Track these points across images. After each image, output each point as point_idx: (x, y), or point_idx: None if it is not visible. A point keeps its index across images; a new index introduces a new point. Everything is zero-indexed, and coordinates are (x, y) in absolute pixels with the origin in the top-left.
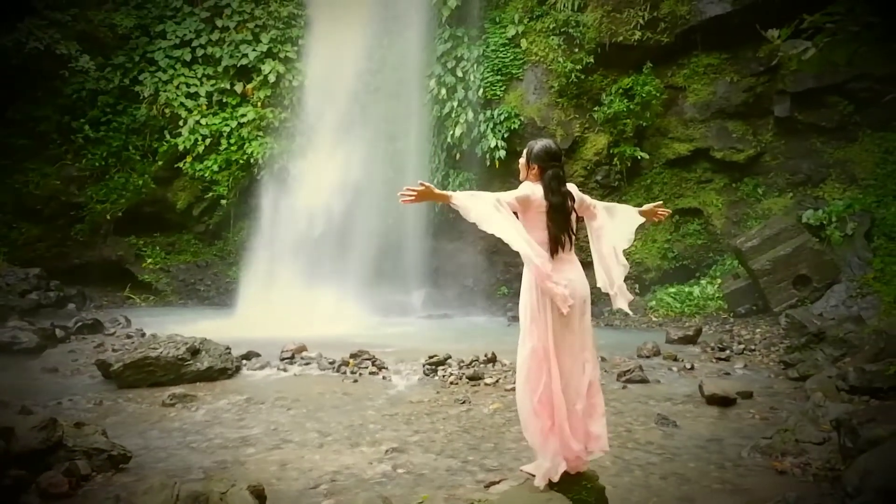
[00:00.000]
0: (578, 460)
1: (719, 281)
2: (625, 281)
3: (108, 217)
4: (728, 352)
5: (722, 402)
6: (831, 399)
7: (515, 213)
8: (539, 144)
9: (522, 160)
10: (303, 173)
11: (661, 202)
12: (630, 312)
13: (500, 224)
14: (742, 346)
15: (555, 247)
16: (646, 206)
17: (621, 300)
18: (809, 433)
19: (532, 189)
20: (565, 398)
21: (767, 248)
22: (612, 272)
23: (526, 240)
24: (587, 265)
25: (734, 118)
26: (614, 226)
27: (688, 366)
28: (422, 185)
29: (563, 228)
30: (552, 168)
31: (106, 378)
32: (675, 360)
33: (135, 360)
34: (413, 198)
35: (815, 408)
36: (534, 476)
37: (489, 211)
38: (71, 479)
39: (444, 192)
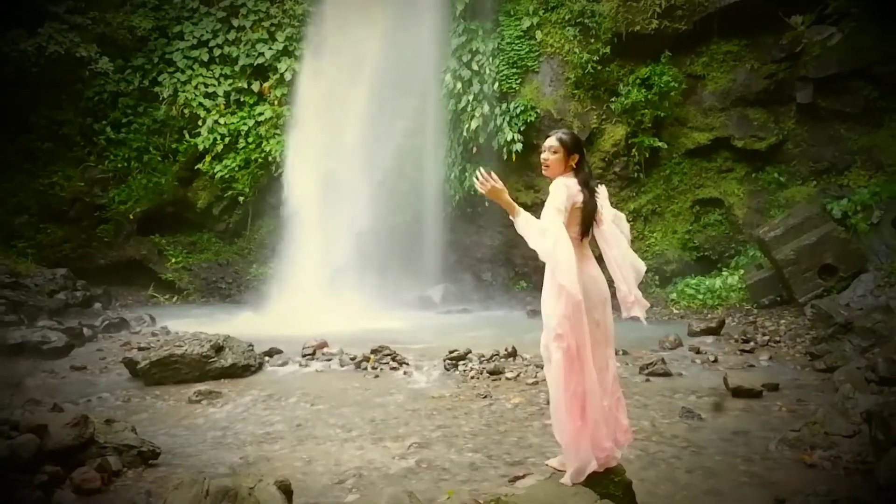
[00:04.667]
0: (609, 458)
1: (742, 272)
2: (645, 273)
3: (131, 217)
4: (752, 344)
5: (748, 394)
6: (860, 391)
7: None
8: (571, 134)
9: (559, 154)
10: (318, 170)
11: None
12: (644, 321)
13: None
14: (767, 338)
15: (583, 235)
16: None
17: (639, 309)
18: (839, 426)
19: (568, 184)
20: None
21: (791, 237)
22: (629, 278)
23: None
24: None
25: (755, 106)
26: (620, 229)
27: (711, 358)
28: (497, 181)
29: (592, 218)
30: (583, 154)
31: (133, 376)
32: (699, 352)
33: (161, 358)
34: (488, 189)
35: (844, 400)
36: (559, 470)
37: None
38: (103, 475)
39: (514, 204)
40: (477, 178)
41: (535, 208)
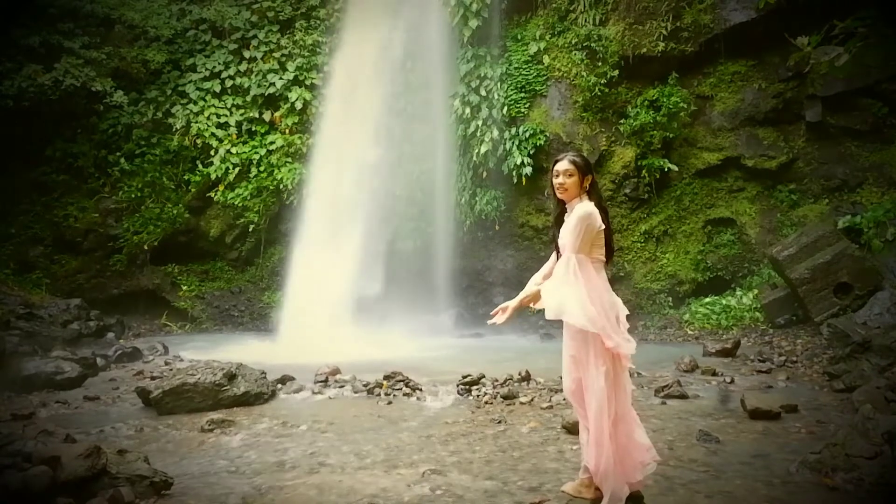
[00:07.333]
0: (636, 483)
1: (756, 291)
2: (658, 293)
3: (145, 247)
4: (769, 364)
5: (766, 416)
6: (881, 411)
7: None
8: (582, 156)
9: (575, 177)
10: (329, 197)
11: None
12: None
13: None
14: (783, 358)
15: (610, 253)
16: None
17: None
18: (860, 447)
19: (592, 212)
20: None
21: (805, 256)
22: None
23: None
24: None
25: (764, 125)
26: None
27: (728, 379)
28: (501, 308)
29: (611, 238)
30: (594, 175)
31: (146, 405)
32: (715, 373)
33: (173, 387)
34: (505, 315)
35: (864, 420)
36: (575, 497)
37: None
38: None
39: (524, 295)
40: (493, 318)
41: (547, 232)
